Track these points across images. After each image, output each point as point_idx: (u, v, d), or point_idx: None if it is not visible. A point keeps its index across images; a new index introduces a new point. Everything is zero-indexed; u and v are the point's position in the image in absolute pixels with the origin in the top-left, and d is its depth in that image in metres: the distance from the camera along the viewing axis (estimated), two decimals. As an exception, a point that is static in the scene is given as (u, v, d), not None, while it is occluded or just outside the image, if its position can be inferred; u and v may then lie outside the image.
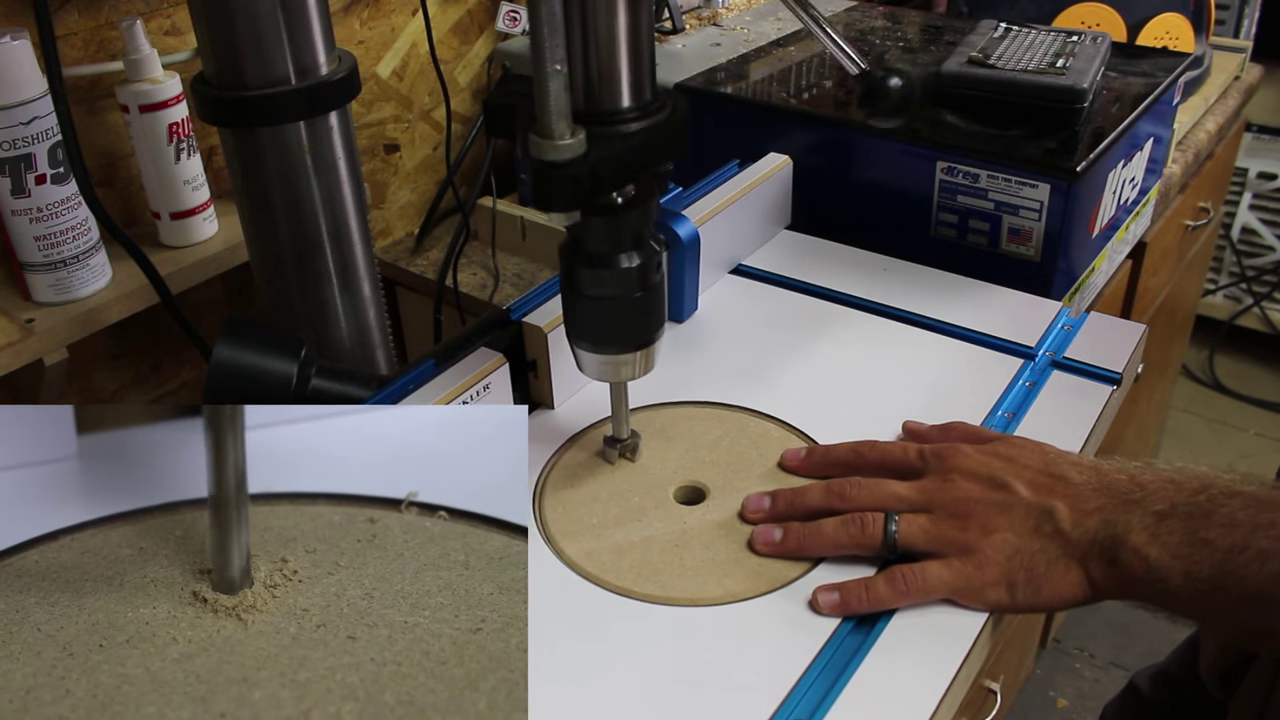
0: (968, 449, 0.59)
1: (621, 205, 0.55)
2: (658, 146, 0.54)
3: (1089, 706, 1.59)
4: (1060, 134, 0.86)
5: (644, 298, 0.58)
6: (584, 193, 0.52)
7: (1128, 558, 0.51)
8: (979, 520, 0.55)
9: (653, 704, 0.50)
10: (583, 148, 0.50)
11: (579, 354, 0.61)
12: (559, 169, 0.50)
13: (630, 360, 0.60)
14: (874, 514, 0.57)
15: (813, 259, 0.86)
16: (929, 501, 0.57)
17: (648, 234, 0.57)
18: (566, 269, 0.57)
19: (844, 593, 0.54)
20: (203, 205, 0.88)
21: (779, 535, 0.58)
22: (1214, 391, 2.25)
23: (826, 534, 0.57)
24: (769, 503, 0.60)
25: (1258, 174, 2.09)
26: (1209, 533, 0.50)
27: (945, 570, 0.54)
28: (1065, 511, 0.54)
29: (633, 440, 0.66)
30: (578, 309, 0.59)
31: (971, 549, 0.54)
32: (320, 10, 0.67)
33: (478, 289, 1.07)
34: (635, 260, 0.56)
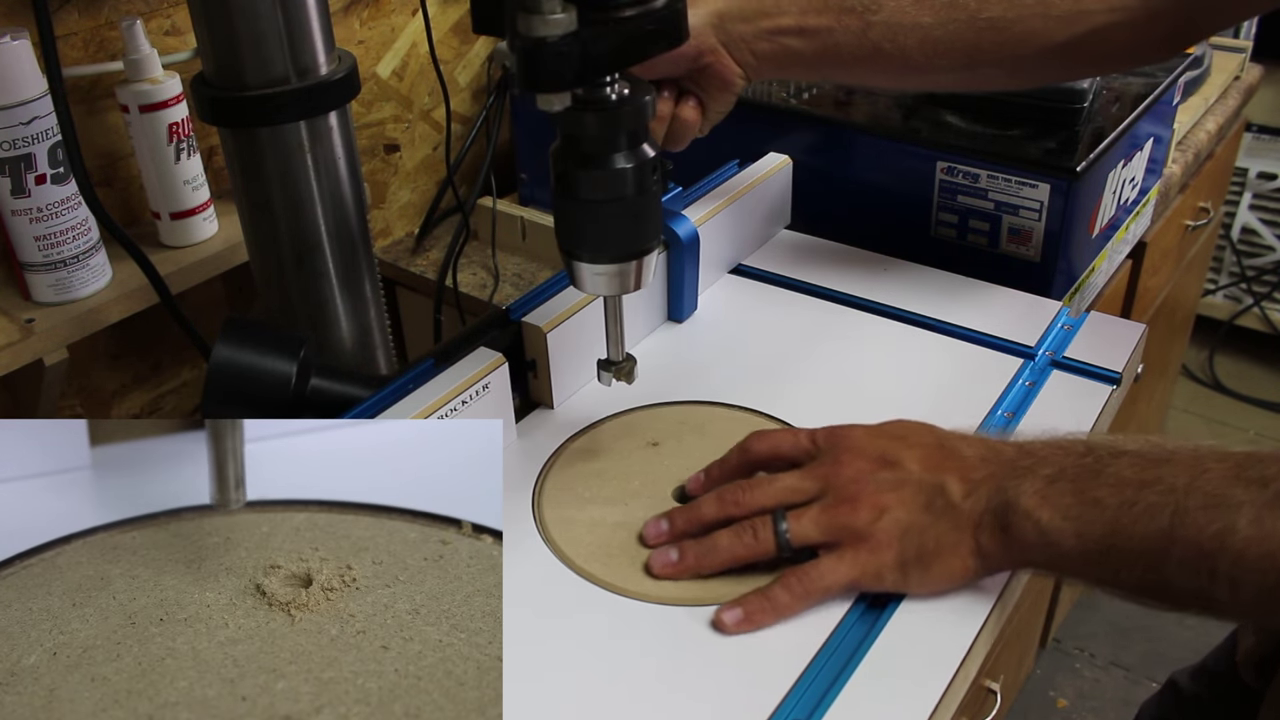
0: (857, 430, 0.58)
1: (615, 101, 0.53)
2: (653, 34, 0.52)
3: (1089, 706, 1.59)
4: (1060, 134, 0.86)
5: (639, 201, 0.56)
6: (575, 72, 0.50)
7: (1019, 523, 0.51)
8: (870, 499, 0.55)
9: (652, 704, 0.51)
10: (574, 24, 0.48)
11: (571, 266, 0.59)
12: (548, 45, 0.48)
13: (624, 271, 0.58)
14: (763, 519, 0.56)
15: (813, 259, 0.86)
16: (821, 486, 0.56)
17: (643, 135, 0.55)
18: (559, 171, 0.56)
19: (746, 607, 0.54)
20: (203, 205, 0.88)
21: (675, 556, 0.57)
22: (1214, 391, 2.25)
23: (722, 547, 0.56)
24: (667, 525, 0.59)
25: (1258, 174, 2.09)
26: (1098, 492, 0.50)
27: (840, 563, 0.54)
28: (956, 484, 0.54)
29: (628, 363, 0.64)
30: (570, 214, 0.57)
31: (864, 534, 0.54)
32: (320, 10, 0.67)
33: (478, 289, 1.07)
34: (631, 161, 0.55)
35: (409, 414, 0.61)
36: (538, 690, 0.51)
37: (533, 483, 0.65)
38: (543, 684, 0.52)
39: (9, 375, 0.79)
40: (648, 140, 0.56)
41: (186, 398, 1.01)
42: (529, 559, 0.59)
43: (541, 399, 0.71)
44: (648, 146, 0.56)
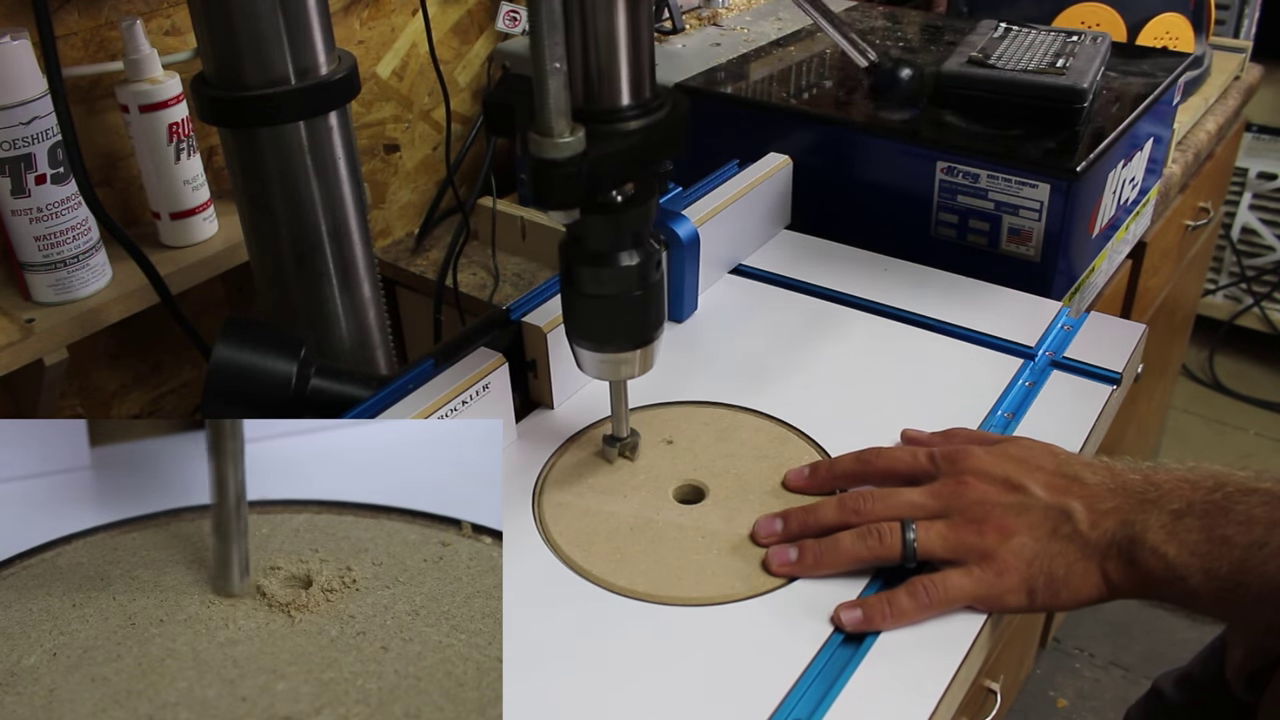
0: (978, 451, 0.58)
1: (621, 204, 0.55)
2: (657, 145, 0.54)
3: (1089, 706, 1.59)
4: (1060, 134, 0.86)
5: (643, 296, 0.57)
6: (583, 191, 0.52)
7: (1146, 557, 0.51)
8: (996, 523, 0.54)
9: (652, 704, 0.51)
10: (582, 145, 0.50)
11: (578, 353, 0.61)
12: (558, 167, 0.50)
13: (629, 359, 0.60)
14: (890, 524, 0.56)
15: (813, 259, 0.86)
16: (944, 506, 0.56)
17: (647, 233, 0.57)
18: (566, 267, 0.57)
19: (866, 609, 0.53)
20: (203, 205, 0.88)
21: (794, 554, 0.57)
22: (1214, 391, 2.25)
23: (844, 548, 0.56)
24: (781, 525, 0.59)
25: (1258, 174, 2.09)
26: (1227, 530, 0.50)
27: (966, 579, 0.54)
28: (1082, 512, 0.54)
29: (632, 439, 0.65)
30: (577, 307, 0.59)
31: (991, 555, 0.54)
32: (320, 10, 0.67)
33: (478, 289, 1.07)
34: (635, 259, 0.56)
35: (409, 414, 0.61)
36: (537, 690, 0.51)
37: (533, 483, 0.65)
38: (542, 684, 0.52)
39: (9, 375, 0.79)
40: (651, 238, 0.57)
41: (186, 398, 1.01)
42: (529, 559, 0.59)
43: (541, 399, 0.71)
44: (654, 242, 0.57)
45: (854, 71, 1.01)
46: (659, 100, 0.54)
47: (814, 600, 0.55)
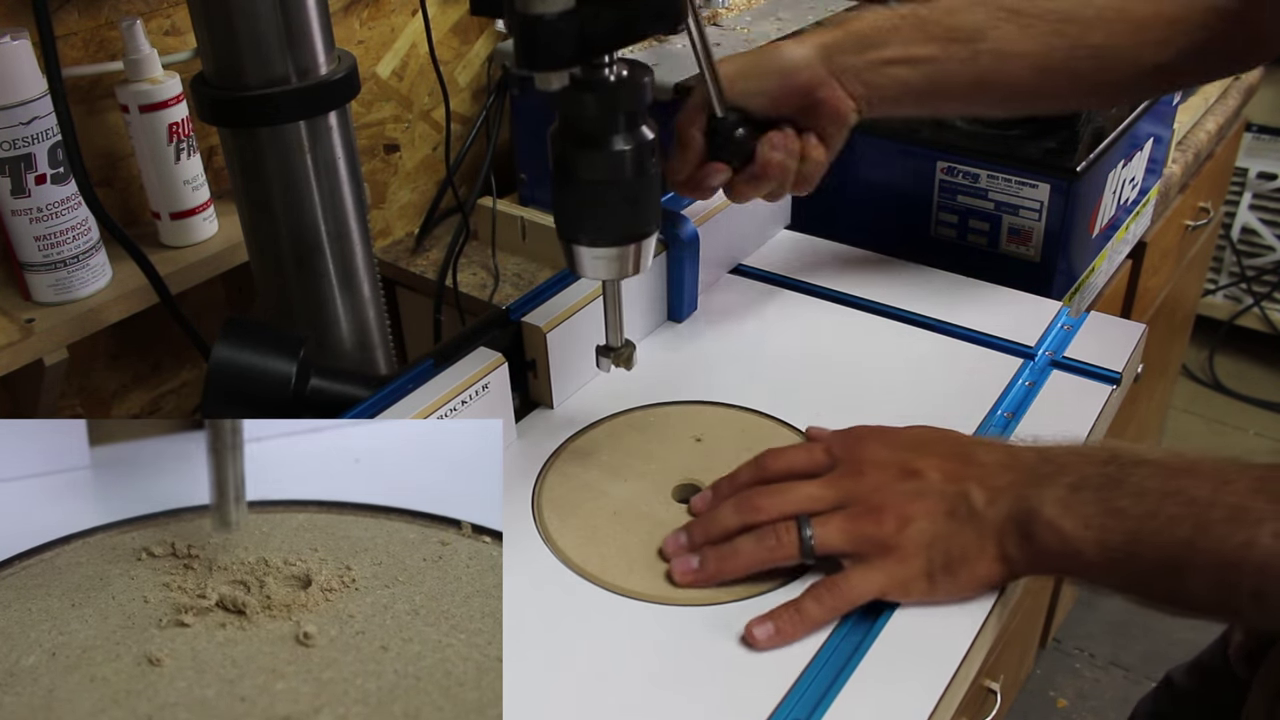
0: (874, 440, 0.58)
1: (613, 82, 0.53)
2: (651, 15, 0.53)
3: (1089, 706, 1.59)
4: (1060, 134, 0.86)
5: (637, 184, 0.56)
6: (573, 50, 0.50)
7: (1042, 531, 0.51)
8: (894, 510, 0.54)
9: (651, 704, 0.51)
10: (571, 1, 0.49)
11: (569, 250, 0.59)
12: (546, 22, 0.48)
13: (624, 254, 0.58)
14: (786, 524, 0.56)
15: (813, 259, 0.86)
16: (842, 496, 0.56)
17: (641, 118, 0.55)
18: (557, 154, 0.56)
19: (776, 620, 0.53)
20: (203, 205, 0.88)
21: (696, 562, 0.57)
22: (1214, 391, 2.25)
23: (744, 553, 0.56)
24: (685, 537, 0.59)
25: (1258, 174, 2.09)
26: (1120, 502, 0.50)
27: (869, 573, 0.54)
28: (978, 492, 0.54)
29: (626, 349, 0.64)
30: (569, 198, 0.57)
31: (890, 545, 0.54)
32: (320, 10, 0.67)
33: (478, 289, 1.07)
34: (628, 143, 0.55)
35: (409, 414, 0.61)
36: (537, 690, 0.51)
37: (533, 483, 0.65)
38: (542, 684, 0.52)
39: (9, 375, 0.79)
40: (646, 123, 0.56)
41: (186, 398, 1.01)
42: (529, 559, 0.59)
43: (541, 399, 0.71)
44: (646, 129, 0.56)
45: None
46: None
47: (814, 600, 0.55)
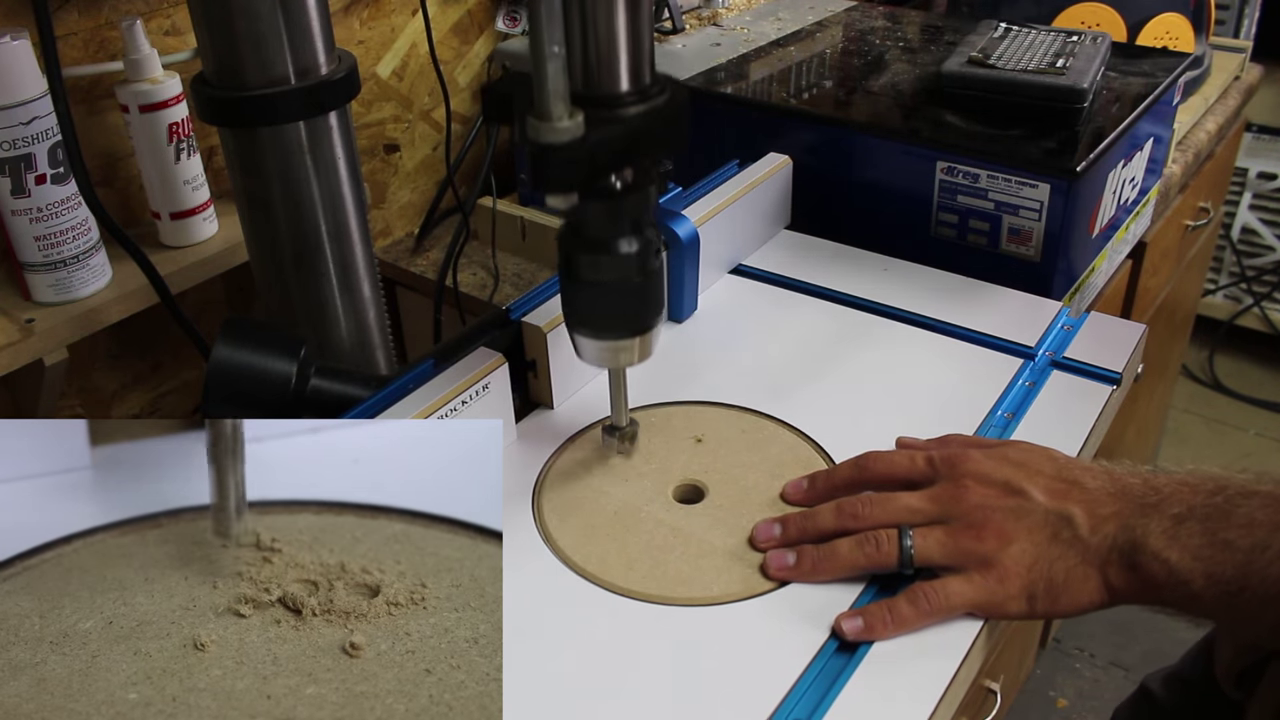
0: (977, 454, 0.58)
1: (620, 191, 0.54)
2: (657, 132, 0.54)
3: (1089, 706, 1.59)
4: (1060, 134, 0.86)
5: (642, 284, 0.57)
6: (582, 175, 0.51)
7: (1148, 562, 0.51)
8: (995, 528, 0.54)
9: (651, 704, 0.51)
10: (580, 130, 0.50)
11: (578, 341, 0.60)
12: (557, 151, 0.49)
13: (629, 346, 0.59)
14: (888, 531, 0.55)
15: (813, 259, 0.86)
16: (943, 511, 0.56)
17: (646, 221, 0.57)
18: (565, 255, 0.57)
19: (868, 617, 0.53)
20: (203, 205, 0.88)
21: (793, 559, 0.57)
22: (1214, 391, 2.25)
23: (842, 555, 0.56)
24: (779, 530, 0.59)
25: (1258, 174, 2.09)
26: (1229, 534, 0.50)
27: (967, 586, 0.53)
28: (1083, 517, 0.53)
29: (631, 429, 0.65)
30: (576, 295, 0.58)
31: (990, 561, 0.53)
32: (320, 10, 0.67)
33: (478, 289, 1.07)
34: (634, 246, 0.56)
35: (409, 414, 0.61)
36: (537, 690, 0.51)
37: (533, 483, 0.65)
38: (542, 684, 0.51)
39: (9, 375, 0.79)
40: (650, 224, 0.57)
41: (186, 398, 1.01)
42: (529, 559, 0.59)
43: (541, 399, 0.71)
44: (652, 231, 0.57)
45: (854, 72, 1.01)
46: (659, 87, 0.54)
47: (814, 601, 0.55)
